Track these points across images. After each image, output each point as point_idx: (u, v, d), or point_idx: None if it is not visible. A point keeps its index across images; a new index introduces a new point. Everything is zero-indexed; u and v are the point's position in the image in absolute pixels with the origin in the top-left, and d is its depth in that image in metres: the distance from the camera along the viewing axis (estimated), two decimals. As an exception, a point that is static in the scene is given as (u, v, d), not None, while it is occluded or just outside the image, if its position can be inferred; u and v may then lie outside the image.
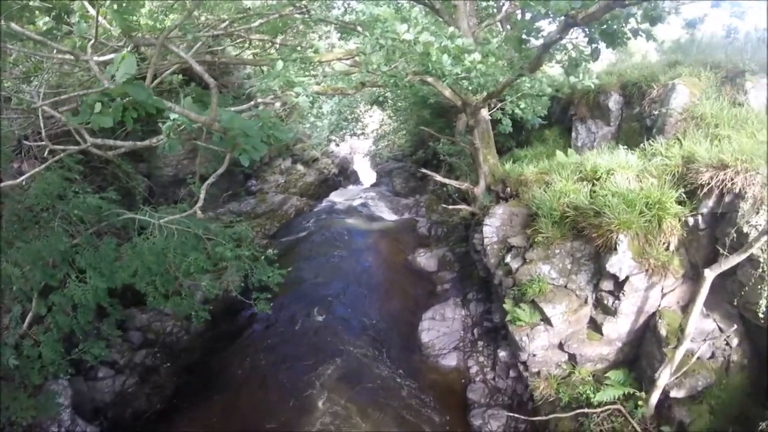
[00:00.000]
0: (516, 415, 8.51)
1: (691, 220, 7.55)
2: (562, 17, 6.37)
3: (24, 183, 6.04)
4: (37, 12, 4.62)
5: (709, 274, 6.58)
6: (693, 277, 7.69)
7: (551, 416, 8.00)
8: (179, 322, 10.72)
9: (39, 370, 7.31)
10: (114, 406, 9.08)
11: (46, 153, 5.69)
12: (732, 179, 7.00)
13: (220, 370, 10.55)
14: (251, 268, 9.17)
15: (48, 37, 4.75)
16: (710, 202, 7.34)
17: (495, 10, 11.95)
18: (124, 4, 4.55)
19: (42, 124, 5.21)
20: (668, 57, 11.34)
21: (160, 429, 9.03)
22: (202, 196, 5.92)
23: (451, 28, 8.29)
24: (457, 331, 11.23)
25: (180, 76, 10.52)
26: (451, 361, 10.59)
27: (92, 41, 4.22)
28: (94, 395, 8.91)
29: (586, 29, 6.57)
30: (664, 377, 7.00)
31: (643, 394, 7.46)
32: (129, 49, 5.85)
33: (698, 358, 7.24)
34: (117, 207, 8.91)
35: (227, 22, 9.39)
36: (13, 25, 4.31)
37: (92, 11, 4.03)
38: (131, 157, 12.03)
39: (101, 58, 5.20)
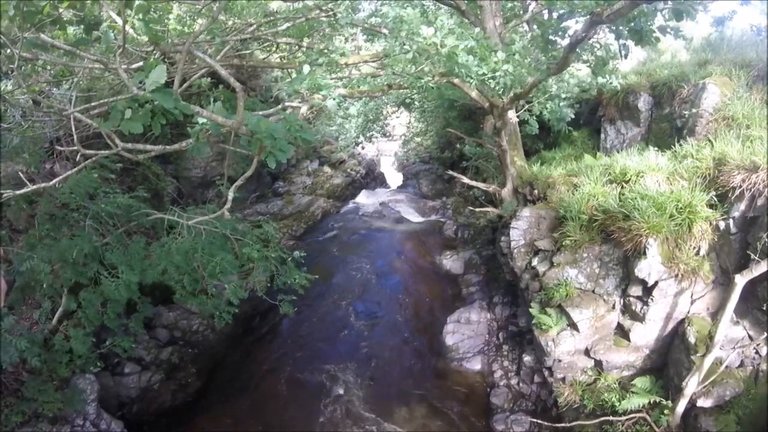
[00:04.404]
0: (539, 421, 8.43)
1: (722, 224, 7.36)
2: (588, 15, 6.31)
3: (57, 185, 6.20)
4: (67, 22, 4.74)
5: (740, 280, 6.41)
6: (723, 282, 7.49)
7: (575, 423, 7.89)
8: (205, 321, 10.86)
9: (66, 364, 7.52)
10: (139, 402, 9.25)
11: (78, 157, 5.83)
12: (764, 182, 6.79)
13: (244, 369, 10.69)
14: (277, 270, 9.25)
15: (78, 48, 4.88)
16: (742, 206, 7.13)
17: (521, 11, 11.85)
18: (151, 14, 4.64)
19: (73, 128, 5.35)
20: (698, 55, 11.08)
21: (184, 425, 9.20)
22: (230, 198, 6.01)
23: (477, 29, 8.28)
24: (482, 335, 11.17)
25: (208, 80, 10.68)
26: (475, 364, 10.53)
27: (120, 50, 4.31)
28: (119, 390, 9.11)
29: (613, 27, 6.48)
30: (691, 386, 6.83)
31: (669, 402, 7.28)
32: (157, 56, 5.99)
33: (727, 366, 7.05)
34: (146, 207, 9.08)
35: (254, 26, 9.50)
36: (42, 36, 4.46)
37: (120, 21, 4.13)
38: (160, 159, 12.26)
39: (130, 66, 5.34)
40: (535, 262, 9.24)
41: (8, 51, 4.58)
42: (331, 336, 11.60)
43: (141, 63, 6.53)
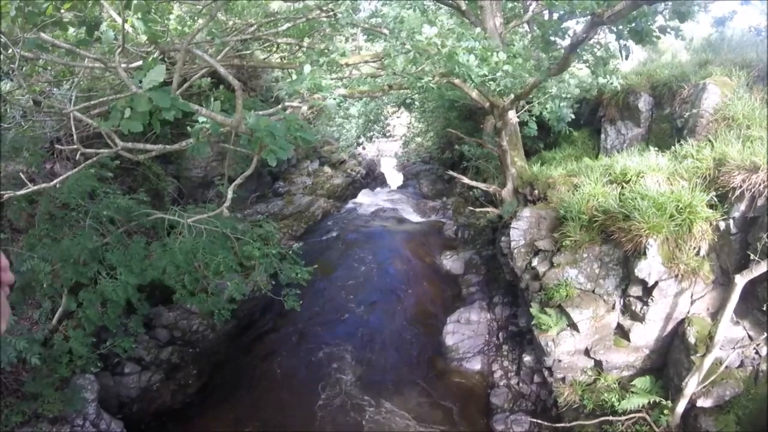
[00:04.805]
0: (539, 421, 8.42)
1: (722, 225, 7.35)
2: (589, 16, 6.31)
3: (57, 185, 6.21)
4: (68, 23, 4.76)
5: (740, 280, 6.40)
6: (723, 283, 7.48)
7: (575, 423, 7.88)
8: (205, 321, 10.87)
9: (67, 364, 7.52)
10: (139, 402, 9.26)
11: (78, 156, 5.85)
12: (765, 182, 6.78)
13: (244, 368, 10.69)
14: (279, 266, 9.29)
15: (79, 47, 4.90)
16: (742, 206, 7.12)
17: (521, 11, 11.85)
18: (150, 14, 4.66)
19: (73, 127, 5.37)
20: (698, 56, 11.06)
21: (184, 425, 9.20)
22: (229, 195, 6.04)
23: (477, 29, 8.28)
24: (482, 335, 11.15)
25: (209, 80, 10.70)
26: (475, 365, 10.52)
27: (120, 49, 4.32)
28: (119, 390, 9.11)
29: (614, 28, 6.48)
30: (691, 386, 6.83)
31: (669, 402, 7.27)
32: (156, 55, 6.01)
33: (726, 366, 7.05)
34: (146, 207, 9.10)
35: (255, 26, 9.51)
36: (43, 35, 4.47)
37: (119, 20, 4.15)
38: (161, 159, 12.26)
39: (130, 65, 5.35)
40: (535, 262, 9.23)
41: (9, 51, 4.60)
42: (330, 336, 11.58)
43: (141, 62, 6.55)
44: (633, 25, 6.23)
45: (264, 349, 11.36)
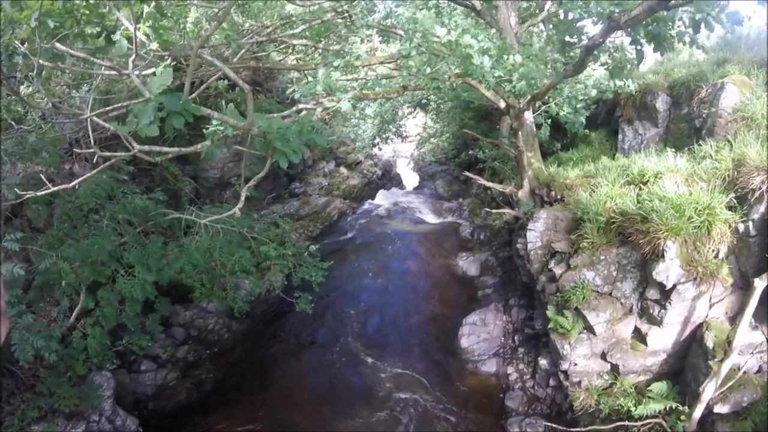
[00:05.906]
0: (554, 425, 8.32)
1: (741, 227, 7.20)
2: (606, 19, 6.25)
3: (77, 186, 6.30)
4: (88, 35, 4.86)
5: (759, 284, 6.29)
6: (742, 286, 7.33)
7: (590, 428, 7.78)
8: (221, 320, 10.96)
9: (83, 362, 7.64)
10: (155, 399, 9.39)
11: (95, 159, 5.94)
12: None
13: (259, 368, 10.77)
14: (295, 266, 9.34)
15: (95, 56, 4.99)
16: (761, 208, 6.97)
17: (537, 11, 11.75)
18: (163, 21, 4.74)
19: (90, 130, 5.45)
20: (716, 54, 10.86)
21: (198, 423, 9.29)
22: (242, 197, 6.08)
23: (492, 30, 8.23)
24: (498, 337, 11.10)
25: (225, 82, 10.80)
26: (490, 367, 10.48)
27: (133, 56, 4.39)
28: (136, 387, 9.24)
29: (631, 32, 6.41)
30: (708, 391, 6.71)
31: (686, 408, 7.13)
32: (168, 61, 6.07)
33: (744, 372, 6.92)
34: (164, 207, 9.22)
35: (270, 28, 9.57)
36: (59, 45, 4.55)
37: (132, 29, 4.23)
38: (178, 160, 12.38)
39: (144, 72, 5.42)
40: (551, 264, 9.15)
41: (29, 61, 4.69)
42: (344, 337, 11.62)
43: (154, 69, 6.63)
44: (650, 28, 6.15)
45: (278, 350, 11.44)
